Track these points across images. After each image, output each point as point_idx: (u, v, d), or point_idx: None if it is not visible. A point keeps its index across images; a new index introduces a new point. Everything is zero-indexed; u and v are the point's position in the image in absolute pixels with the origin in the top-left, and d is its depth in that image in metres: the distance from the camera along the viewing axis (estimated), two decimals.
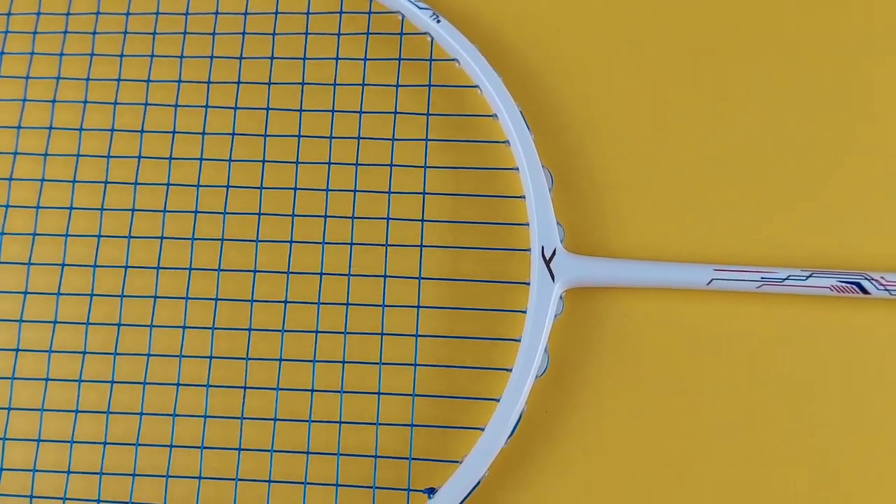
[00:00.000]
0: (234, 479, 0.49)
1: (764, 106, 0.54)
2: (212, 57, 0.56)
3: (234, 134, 0.54)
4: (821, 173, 0.53)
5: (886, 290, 0.49)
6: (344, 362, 0.51)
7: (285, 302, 0.52)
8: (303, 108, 0.54)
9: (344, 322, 0.51)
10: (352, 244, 0.52)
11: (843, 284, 0.50)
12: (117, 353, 0.52)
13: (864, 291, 0.50)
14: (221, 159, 0.54)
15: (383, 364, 0.50)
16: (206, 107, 0.55)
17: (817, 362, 0.50)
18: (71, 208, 0.54)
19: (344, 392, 0.50)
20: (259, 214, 0.53)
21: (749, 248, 0.52)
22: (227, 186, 0.53)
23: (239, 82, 0.55)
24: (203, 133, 0.54)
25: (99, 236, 0.53)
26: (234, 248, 0.53)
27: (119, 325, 0.52)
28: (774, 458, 0.49)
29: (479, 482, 0.48)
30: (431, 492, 0.48)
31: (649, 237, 0.52)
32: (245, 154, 0.54)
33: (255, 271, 0.52)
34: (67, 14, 0.57)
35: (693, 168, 0.53)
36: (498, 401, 0.49)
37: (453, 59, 0.54)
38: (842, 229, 0.52)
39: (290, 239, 0.52)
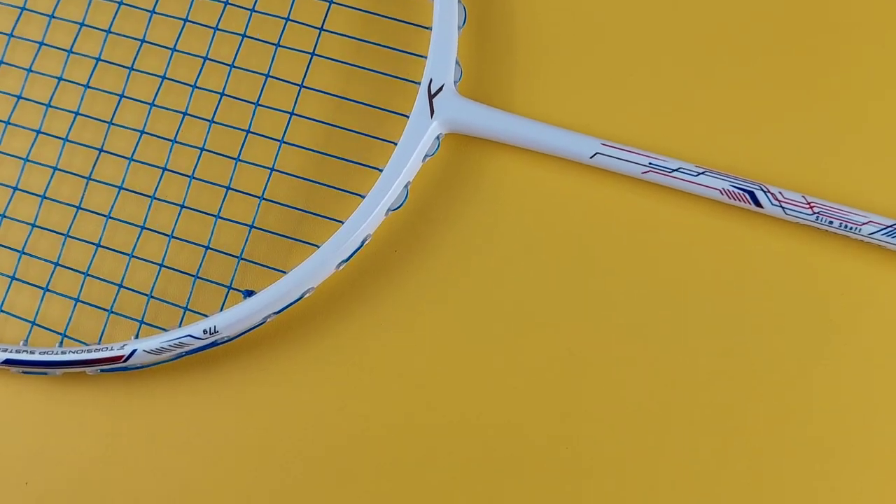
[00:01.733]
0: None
1: None
2: None
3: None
4: (741, 71, 0.49)
5: (781, 206, 0.46)
6: (202, 149, 0.49)
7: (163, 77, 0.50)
8: None
9: (213, 112, 0.50)
10: (244, 36, 0.50)
11: (736, 190, 0.46)
12: None
13: (757, 203, 0.46)
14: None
15: (240, 161, 0.49)
16: None
17: (690, 268, 0.47)
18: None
19: (194, 178, 0.49)
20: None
21: (644, 132, 0.48)
22: None
23: None
24: None
25: None
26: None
27: None
28: (614, 356, 0.46)
29: (301, 297, 0.46)
30: (249, 294, 0.46)
31: (547, 100, 0.49)
32: None
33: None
34: None
35: (612, 39, 0.50)
36: (342, 223, 0.47)
37: None
38: (748, 132, 0.48)
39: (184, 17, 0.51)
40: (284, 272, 0.46)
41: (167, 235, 0.48)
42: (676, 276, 0.47)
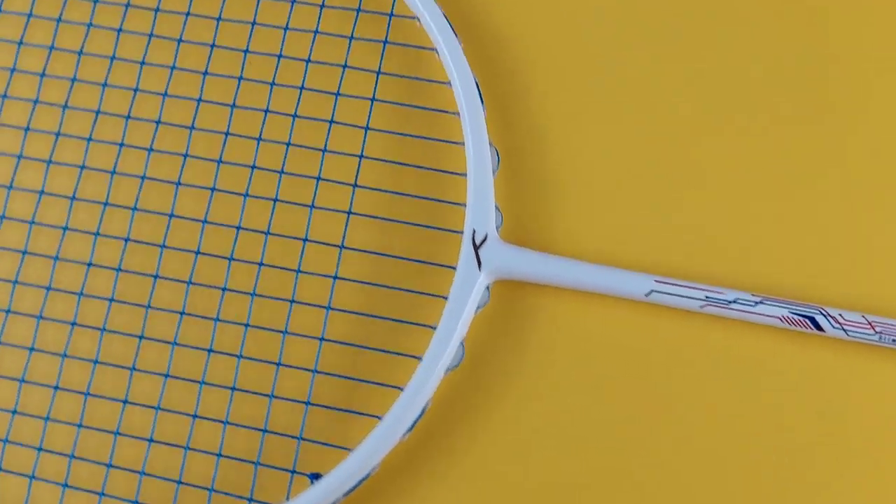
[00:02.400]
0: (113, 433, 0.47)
1: (739, 114, 0.49)
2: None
3: (174, 68, 0.51)
4: (789, 194, 0.48)
5: (843, 329, 0.45)
6: (247, 325, 0.48)
7: (197, 252, 0.49)
8: (248, 49, 0.51)
9: (254, 283, 0.48)
10: (276, 200, 0.49)
11: (796, 317, 0.45)
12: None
13: (818, 328, 0.45)
14: (157, 92, 0.51)
15: (287, 334, 0.47)
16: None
17: (755, 398, 0.46)
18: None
19: (242, 357, 0.47)
20: (186, 156, 0.50)
21: (697, 263, 0.47)
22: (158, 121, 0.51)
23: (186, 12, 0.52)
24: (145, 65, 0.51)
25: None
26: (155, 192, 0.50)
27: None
28: (686, 496, 0.45)
29: (368, 474, 0.44)
30: (315, 477, 0.45)
31: (593, 237, 0.48)
32: (184, 90, 0.51)
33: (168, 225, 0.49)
34: None
35: (651, 170, 0.49)
36: (401, 389, 0.45)
37: (415, 17, 0.50)
38: (801, 256, 0.47)
39: (211, 186, 0.49)
40: (348, 449, 0.45)
41: (222, 422, 0.46)
42: (741, 408, 0.46)
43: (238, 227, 0.49)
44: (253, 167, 0.49)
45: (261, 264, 0.48)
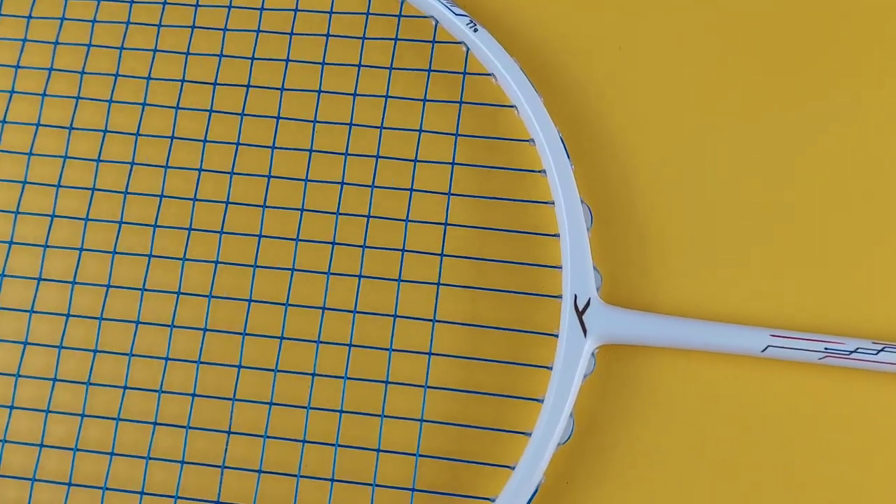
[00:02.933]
0: None
1: (846, 154, 0.47)
2: (221, 56, 0.50)
3: (238, 143, 0.49)
4: None
5: None
6: (341, 412, 0.45)
7: (281, 337, 0.46)
8: (317, 119, 0.49)
9: (345, 365, 0.45)
10: (360, 277, 0.46)
11: None
12: None
13: None
14: (223, 171, 0.49)
15: (385, 417, 0.44)
16: (210, 111, 0.49)
17: (881, 451, 0.44)
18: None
19: (339, 445, 0.44)
20: (259, 236, 0.47)
21: (812, 312, 0.45)
22: (227, 201, 0.48)
23: (249, 86, 0.49)
24: (205, 141, 0.49)
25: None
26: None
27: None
28: None
29: None
30: None
31: (698, 292, 0.46)
32: (251, 167, 0.48)
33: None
34: None
35: (753, 216, 0.47)
36: (513, 469, 0.42)
37: (490, 74, 0.48)
38: None
39: (291, 265, 0.47)
40: None
41: None
42: (866, 462, 0.44)
43: (322, 308, 0.46)
44: (332, 243, 0.47)
45: (350, 345, 0.45)
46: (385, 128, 0.48)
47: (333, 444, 0.44)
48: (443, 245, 0.46)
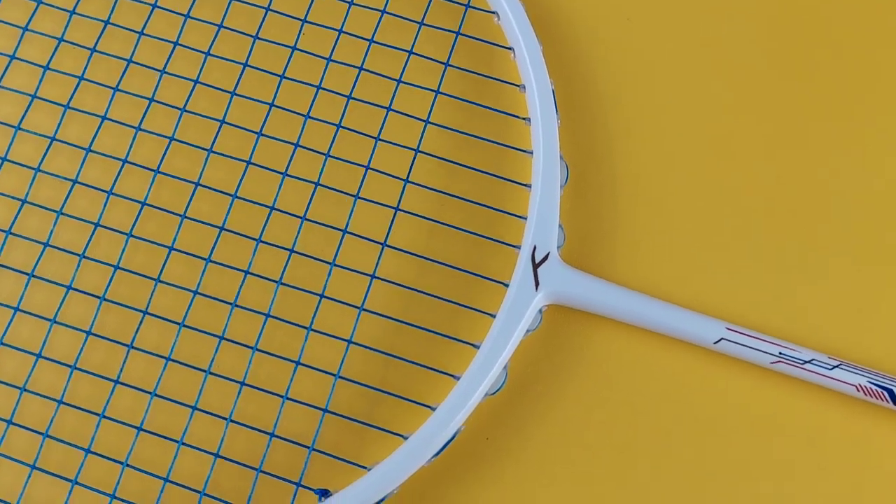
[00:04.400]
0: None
1: (833, 160, 0.46)
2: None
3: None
4: (876, 250, 0.44)
5: None
6: (268, 315, 0.42)
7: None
8: (307, 19, 0.47)
9: (282, 271, 0.43)
10: (317, 184, 0.44)
11: (874, 387, 0.41)
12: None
13: None
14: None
15: (311, 330, 0.42)
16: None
17: (821, 469, 0.41)
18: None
19: (257, 349, 0.42)
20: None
21: (772, 316, 0.43)
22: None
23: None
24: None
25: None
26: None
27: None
28: None
29: (384, 498, 0.39)
30: (324, 494, 0.39)
31: (661, 271, 0.44)
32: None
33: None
34: None
35: (733, 208, 0.45)
36: (434, 409, 0.40)
37: (493, 12, 0.46)
38: (886, 321, 0.43)
39: (247, 159, 0.45)
40: (365, 468, 0.39)
41: (224, 419, 0.41)
42: (805, 477, 0.41)
43: (271, 208, 0.44)
44: (296, 145, 0.45)
45: (292, 251, 0.43)
46: (374, 41, 0.46)
47: (252, 347, 0.42)
48: (409, 171, 0.44)
